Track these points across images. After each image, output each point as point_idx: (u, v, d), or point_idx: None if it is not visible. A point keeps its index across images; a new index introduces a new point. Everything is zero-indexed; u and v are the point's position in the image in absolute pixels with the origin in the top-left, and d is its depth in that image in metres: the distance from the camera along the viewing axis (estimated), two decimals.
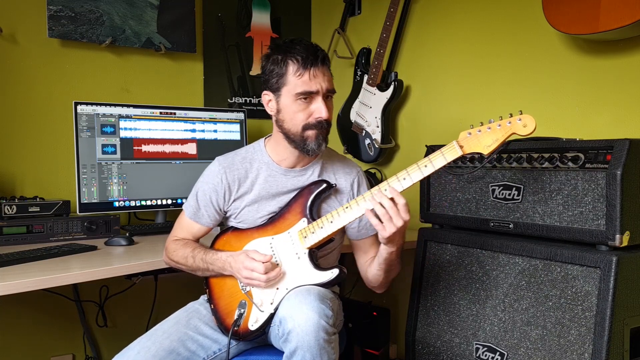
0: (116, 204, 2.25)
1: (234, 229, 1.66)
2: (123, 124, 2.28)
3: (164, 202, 2.36)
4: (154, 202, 2.34)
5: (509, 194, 1.64)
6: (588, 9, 1.67)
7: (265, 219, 1.61)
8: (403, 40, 2.55)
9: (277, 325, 1.40)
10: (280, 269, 1.49)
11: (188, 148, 2.42)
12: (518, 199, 1.61)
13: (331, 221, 1.49)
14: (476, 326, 1.67)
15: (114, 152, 2.26)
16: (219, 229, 1.72)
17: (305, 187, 1.60)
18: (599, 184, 1.43)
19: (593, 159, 1.44)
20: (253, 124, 2.76)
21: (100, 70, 2.45)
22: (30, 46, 2.29)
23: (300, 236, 1.52)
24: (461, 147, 1.38)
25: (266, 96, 1.59)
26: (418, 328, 1.85)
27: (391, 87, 2.42)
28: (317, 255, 1.54)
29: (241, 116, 2.55)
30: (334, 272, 1.47)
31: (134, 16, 2.48)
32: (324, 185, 1.59)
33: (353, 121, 2.58)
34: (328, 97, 1.54)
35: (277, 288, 1.49)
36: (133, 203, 2.29)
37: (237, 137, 2.53)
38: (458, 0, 2.30)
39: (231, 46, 2.80)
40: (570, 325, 1.44)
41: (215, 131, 2.48)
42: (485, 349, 1.64)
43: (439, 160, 1.40)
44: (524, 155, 1.58)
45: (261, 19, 2.87)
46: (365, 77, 2.52)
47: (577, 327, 1.43)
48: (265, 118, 2.63)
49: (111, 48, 2.46)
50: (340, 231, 1.55)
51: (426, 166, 1.41)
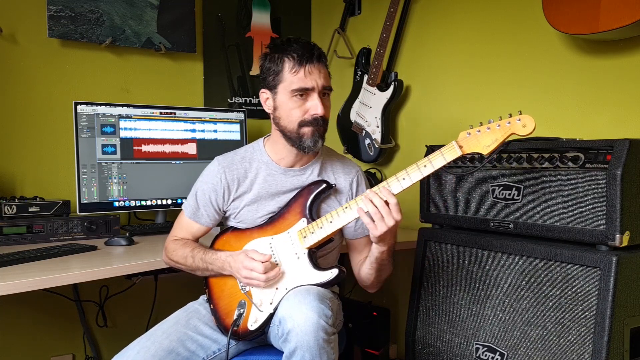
0: (116, 204, 2.26)
1: (234, 229, 1.66)
2: (123, 124, 2.28)
3: (164, 202, 2.36)
4: (154, 202, 2.34)
5: (509, 194, 1.64)
6: (588, 9, 1.67)
7: (264, 219, 1.61)
8: (403, 40, 2.55)
9: (277, 325, 1.40)
10: (279, 269, 1.49)
11: (188, 148, 2.42)
12: (518, 199, 1.61)
13: (330, 221, 1.49)
14: (476, 326, 1.67)
15: (114, 152, 2.26)
16: (219, 229, 1.72)
17: (304, 187, 1.60)
18: (599, 184, 1.43)
19: (593, 159, 1.44)
20: (253, 124, 2.76)
21: (100, 70, 2.45)
22: (30, 46, 2.30)
23: (299, 236, 1.52)
24: (460, 147, 1.38)
25: (263, 94, 1.59)
26: (418, 328, 1.85)
27: (391, 87, 2.42)
28: (317, 255, 1.54)
29: (241, 116, 2.55)
30: (334, 272, 1.47)
31: (134, 16, 2.48)
32: (324, 185, 1.59)
33: (353, 121, 2.58)
34: (325, 95, 1.54)
35: (277, 288, 1.49)
36: (133, 203, 2.29)
37: (237, 137, 2.53)
38: (458, 0, 2.30)
39: (231, 46, 2.80)
40: (570, 325, 1.44)
41: (215, 131, 2.48)
42: (485, 349, 1.64)
43: (439, 160, 1.40)
44: (524, 155, 1.58)
45: (261, 19, 2.87)
46: (365, 77, 2.52)
47: (577, 327, 1.43)
48: (265, 118, 2.63)
49: (111, 48, 2.46)
50: (339, 231, 1.55)
51: (425, 166, 1.41)
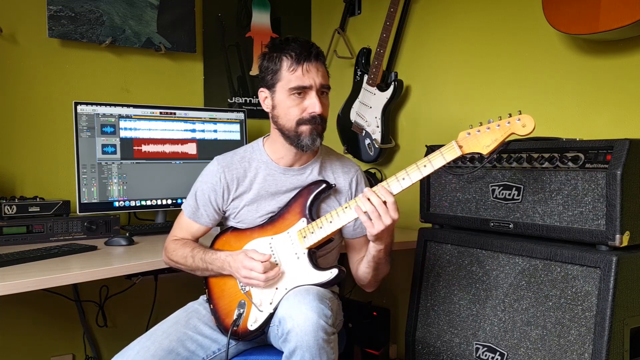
0: (116, 204, 2.26)
1: (234, 229, 1.66)
2: (123, 124, 2.28)
3: (164, 202, 2.36)
4: (154, 202, 2.34)
5: (509, 194, 1.64)
6: (588, 9, 1.67)
7: (264, 219, 1.61)
8: (403, 40, 2.54)
9: (277, 325, 1.40)
10: (279, 269, 1.49)
11: (188, 148, 2.42)
12: (518, 199, 1.61)
13: (330, 221, 1.49)
14: (476, 326, 1.67)
15: (114, 152, 2.26)
16: (219, 229, 1.72)
17: (304, 187, 1.60)
18: (599, 184, 1.42)
19: (593, 159, 1.44)
20: (253, 124, 2.76)
21: (100, 70, 2.45)
22: (30, 46, 2.30)
23: (299, 236, 1.52)
24: (460, 147, 1.38)
25: (262, 93, 1.59)
26: (418, 328, 1.85)
27: (391, 87, 2.41)
28: (317, 255, 1.54)
29: (241, 116, 2.55)
30: (333, 272, 1.47)
31: (134, 16, 2.48)
32: (324, 185, 1.59)
33: (353, 121, 2.58)
34: (323, 93, 1.54)
35: (277, 288, 1.49)
36: (133, 203, 2.29)
37: (237, 137, 2.53)
38: (458, 0, 2.30)
39: (231, 46, 2.80)
40: (570, 325, 1.44)
41: (215, 131, 2.48)
42: (485, 349, 1.63)
43: (438, 160, 1.40)
44: (524, 155, 1.58)
45: (261, 19, 2.87)
46: (365, 77, 2.52)
47: (577, 327, 1.42)
48: (265, 118, 2.62)
49: (111, 48, 2.46)
50: (339, 231, 1.55)
51: (425, 166, 1.41)
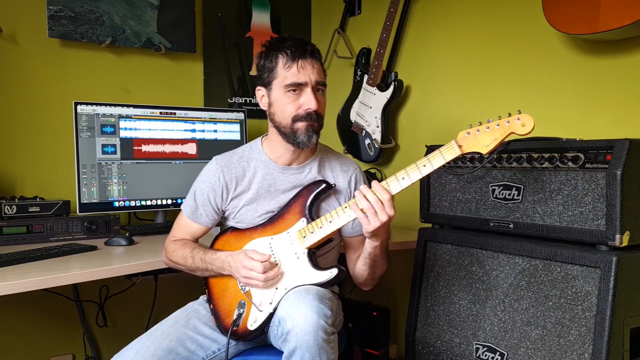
0: (116, 204, 2.26)
1: (234, 229, 1.66)
2: (123, 124, 2.28)
3: (164, 202, 2.36)
4: (154, 202, 2.34)
5: (509, 194, 1.64)
6: (588, 9, 1.67)
7: (264, 219, 1.61)
8: (403, 40, 2.54)
9: (276, 325, 1.40)
10: (278, 269, 1.49)
11: (188, 148, 2.42)
12: (518, 199, 1.61)
13: (330, 221, 1.49)
14: (476, 326, 1.67)
15: (114, 152, 2.26)
16: (219, 229, 1.72)
17: (304, 187, 1.60)
18: (599, 184, 1.42)
19: (593, 159, 1.44)
20: (253, 124, 2.76)
21: (100, 70, 2.45)
22: (30, 46, 2.30)
23: (299, 236, 1.52)
24: (460, 147, 1.38)
25: (259, 91, 1.60)
26: (418, 328, 1.85)
27: (391, 87, 2.41)
28: (316, 255, 1.54)
29: (241, 116, 2.55)
30: (333, 272, 1.47)
31: (134, 16, 2.48)
32: (324, 185, 1.59)
33: (353, 121, 2.58)
34: (319, 90, 1.55)
35: (276, 288, 1.49)
36: (133, 203, 2.29)
37: (237, 137, 2.53)
38: (458, 0, 2.30)
39: (231, 46, 2.80)
40: (570, 325, 1.44)
41: (215, 131, 2.48)
42: (485, 349, 1.63)
43: (438, 159, 1.40)
44: (524, 155, 1.58)
45: (261, 19, 2.87)
46: (365, 77, 2.52)
47: (577, 327, 1.42)
48: (265, 118, 2.63)
49: (111, 48, 2.46)
50: (338, 231, 1.55)
51: (425, 166, 1.41)
